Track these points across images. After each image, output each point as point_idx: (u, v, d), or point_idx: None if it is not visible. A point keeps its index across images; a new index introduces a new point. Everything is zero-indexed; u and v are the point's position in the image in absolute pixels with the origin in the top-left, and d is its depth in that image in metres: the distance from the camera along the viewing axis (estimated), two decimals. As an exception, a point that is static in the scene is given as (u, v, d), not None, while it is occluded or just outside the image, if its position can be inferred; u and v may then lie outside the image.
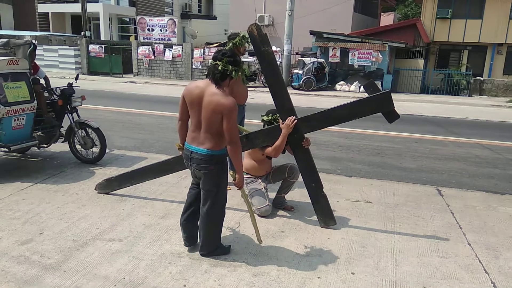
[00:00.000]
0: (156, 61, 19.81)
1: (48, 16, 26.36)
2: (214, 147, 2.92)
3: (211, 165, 2.94)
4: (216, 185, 3.05)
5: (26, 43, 5.14)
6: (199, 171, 2.99)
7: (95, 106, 10.21)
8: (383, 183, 5.22)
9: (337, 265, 3.16)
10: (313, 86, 16.69)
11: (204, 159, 2.93)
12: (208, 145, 2.91)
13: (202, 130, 2.91)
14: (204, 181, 3.03)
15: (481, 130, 9.49)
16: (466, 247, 3.55)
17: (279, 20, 21.88)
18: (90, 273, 2.93)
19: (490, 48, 19.88)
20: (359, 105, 3.62)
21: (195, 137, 2.96)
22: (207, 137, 2.91)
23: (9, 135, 4.74)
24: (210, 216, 3.11)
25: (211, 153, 2.92)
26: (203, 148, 2.92)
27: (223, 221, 3.24)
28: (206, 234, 3.17)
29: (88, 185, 4.66)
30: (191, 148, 2.98)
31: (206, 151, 2.92)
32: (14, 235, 3.47)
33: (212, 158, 2.93)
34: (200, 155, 2.93)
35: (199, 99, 2.87)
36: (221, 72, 2.86)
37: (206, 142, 2.92)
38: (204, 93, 2.86)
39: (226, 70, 2.87)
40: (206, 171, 2.96)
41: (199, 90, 2.89)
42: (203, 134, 2.92)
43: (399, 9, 32.93)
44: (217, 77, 2.87)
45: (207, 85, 2.89)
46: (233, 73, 2.90)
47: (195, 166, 2.98)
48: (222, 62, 2.88)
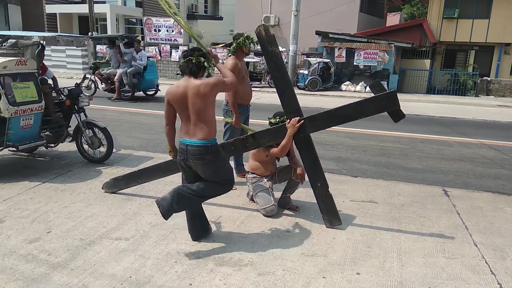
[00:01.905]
0: (163, 62, 19.89)
1: (56, 17, 26.57)
2: (207, 136, 3.09)
3: (207, 154, 3.10)
4: (218, 170, 3.21)
5: (34, 44, 5.19)
6: (197, 161, 3.12)
7: (102, 106, 10.29)
8: (389, 184, 5.20)
9: (343, 265, 3.17)
10: (318, 86, 16.67)
11: (200, 150, 3.08)
12: (201, 136, 3.08)
13: (193, 123, 3.09)
14: (205, 170, 3.17)
15: (488, 131, 9.42)
16: (472, 248, 3.54)
17: (285, 21, 21.86)
18: (97, 272, 2.96)
19: (497, 48, 19.72)
20: (364, 104, 3.61)
21: (187, 131, 3.13)
22: (198, 127, 3.08)
23: (18, 135, 4.79)
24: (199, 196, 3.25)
25: (206, 143, 3.08)
26: (196, 139, 3.08)
27: None
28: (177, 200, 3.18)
29: (95, 185, 4.70)
30: (185, 141, 3.13)
31: (201, 142, 3.08)
32: (22, 233, 3.51)
33: (208, 147, 3.09)
34: (195, 146, 3.09)
35: (184, 96, 3.07)
36: (196, 65, 3.09)
37: (198, 133, 3.09)
38: (188, 88, 3.07)
39: (199, 62, 3.10)
40: (204, 161, 3.11)
41: (182, 88, 3.09)
42: (193, 126, 3.09)
43: (405, 9, 32.77)
44: (194, 70, 3.10)
45: (188, 81, 3.10)
46: (205, 63, 3.13)
47: (192, 158, 3.12)
48: (194, 56, 3.11)
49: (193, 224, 3.44)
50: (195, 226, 3.45)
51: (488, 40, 19.40)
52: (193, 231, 3.45)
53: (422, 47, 19.79)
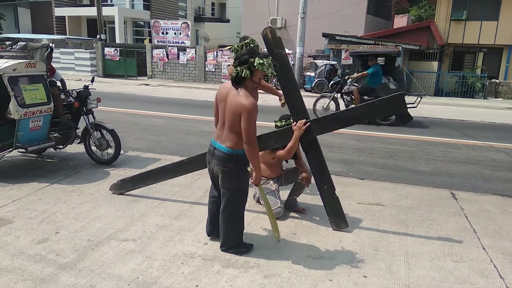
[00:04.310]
0: (170, 64, 19.98)
1: (64, 20, 26.86)
2: (235, 146, 3.03)
3: (230, 163, 3.06)
4: (234, 184, 3.15)
5: (44, 46, 5.25)
6: (218, 167, 3.11)
7: (110, 108, 10.36)
8: (396, 186, 5.18)
9: (349, 268, 3.16)
10: (325, 88, 16.63)
11: (224, 157, 3.06)
12: (229, 144, 3.04)
13: (225, 129, 3.05)
14: (222, 178, 3.15)
15: (496, 133, 9.33)
16: (480, 251, 3.51)
17: (291, 23, 21.87)
18: (104, 273, 2.98)
19: (506, 50, 19.51)
20: (372, 106, 3.61)
21: (219, 135, 3.12)
22: (229, 136, 3.04)
23: (27, 136, 4.84)
24: (227, 214, 3.21)
25: (231, 152, 3.04)
26: (224, 146, 3.06)
27: (243, 218, 3.32)
28: (225, 231, 3.27)
29: (103, 186, 4.73)
30: (215, 144, 3.13)
31: (227, 149, 3.04)
32: (31, 234, 3.55)
33: (232, 156, 3.05)
34: (221, 152, 3.07)
35: (224, 99, 3.03)
36: (234, 77, 2.99)
37: (227, 141, 3.05)
38: (229, 93, 3.01)
39: (238, 73, 2.96)
40: (224, 168, 3.09)
41: (226, 91, 3.05)
42: (226, 132, 3.06)
43: (413, 11, 32.60)
44: (233, 81, 3.01)
45: (232, 87, 3.02)
46: (244, 72, 2.94)
47: (215, 162, 3.12)
48: (234, 67, 3.01)
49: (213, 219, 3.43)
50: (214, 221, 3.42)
51: (497, 42, 19.21)
52: (211, 225, 3.46)
53: (430, 49, 19.65)
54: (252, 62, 2.94)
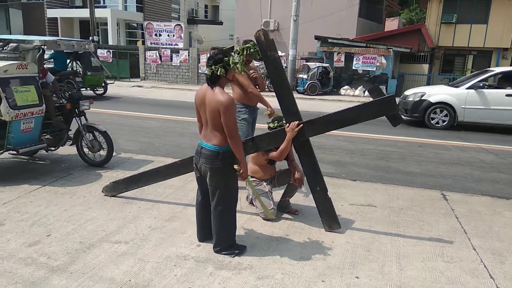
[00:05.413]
0: (163, 66, 19.95)
1: (57, 21, 26.69)
2: (221, 143, 3.10)
3: (217, 160, 3.11)
4: (222, 181, 3.18)
5: (35, 48, 5.22)
6: (206, 165, 3.15)
7: (103, 110, 10.32)
8: (388, 187, 5.22)
9: (342, 269, 3.17)
10: (317, 90, 16.72)
11: (212, 154, 3.11)
12: (215, 141, 3.10)
13: (209, 129, 3.12)
14: (211, 176, 3.17)
15: (486, 135, 9.44)
16: (471, 252, 3.55)
17: (284, 25, 21.96)
18: (96, 275, 2.96)
19: (495, 53, 19.80)
20: (363, 108, 3.64)
21: (205, 135, 3.19)
22: (214, 134, 3.10)
23: (18, 138, 4.80)
24: (219, 213, 3.24)
25: (218, 149, 3.09)
26: (210, 144, 3.12)
27: (235, 218, 3.33)
28: (218, 230, 3.29)
29: (95, 188, 4.71)
30: (201, 144, 3.19)
31: (214, 147, 3.10)
32: (22, 237, 3.52)
33: (219, 154, 3.10)
34: (208, 150, 3.12)
35: (203, 100, 3.11)
36: (209, 75, 3.08)
37: (213, 139, 3.11)
38: (206, 94, 3.10)
39: (212, 71, 3.05)
40: (212, 166, 3.13)
41: (202, 93, 3.14)
42: (210, 132, 3.12)
43: (403, 14, 32.93)
44: (209, 80, 3.10)
45: (207, 88, 3.11)
46: (220, 70, 3.04)
47: (203, 161, 3.17)
48: (208, 66, 3.10)
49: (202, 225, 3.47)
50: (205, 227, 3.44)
51: (486, 45, 19.48)
52: (202, 231, 3.48)
53: (421, 52, 19.87)
54: (227, 61, 3.05)
